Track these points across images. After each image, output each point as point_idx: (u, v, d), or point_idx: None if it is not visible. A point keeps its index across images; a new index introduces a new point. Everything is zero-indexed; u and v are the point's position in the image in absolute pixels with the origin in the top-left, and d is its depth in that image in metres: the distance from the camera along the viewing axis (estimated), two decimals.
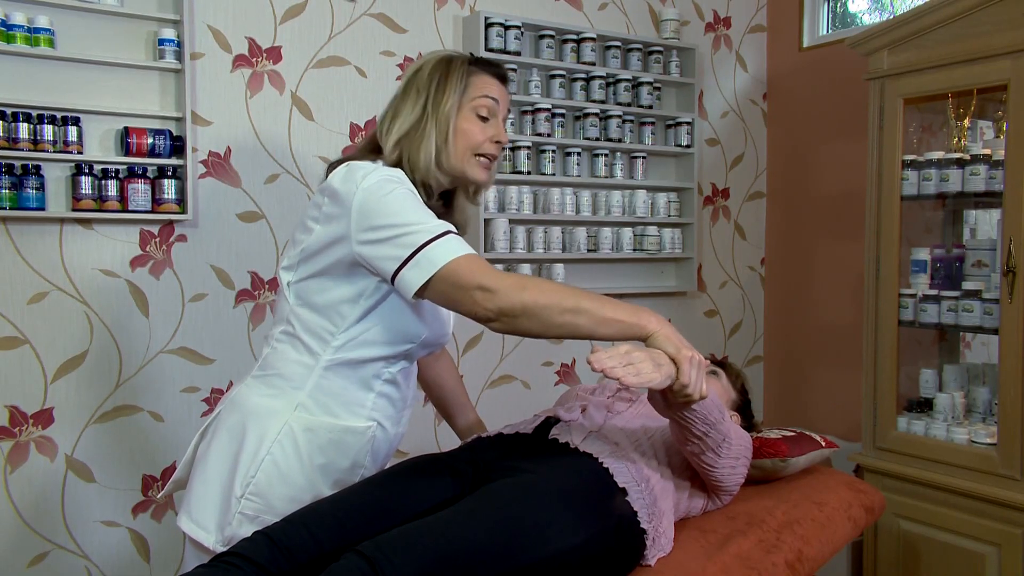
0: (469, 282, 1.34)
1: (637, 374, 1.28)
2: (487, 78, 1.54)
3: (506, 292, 1.33)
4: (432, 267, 1.34)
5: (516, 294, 1.33)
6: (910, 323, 2.56)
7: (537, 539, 1.33)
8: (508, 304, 1.33)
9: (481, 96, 1.51)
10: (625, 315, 1.36)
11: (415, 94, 1.51)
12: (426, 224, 1.38)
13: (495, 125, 1.54)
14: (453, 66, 1.52)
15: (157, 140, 2.30)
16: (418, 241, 1.36)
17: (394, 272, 1.37)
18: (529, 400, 3.02)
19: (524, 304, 1.33)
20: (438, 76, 1.51)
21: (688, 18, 3.36)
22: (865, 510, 1.94)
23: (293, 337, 1.51)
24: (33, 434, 2.27)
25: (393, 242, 1.37)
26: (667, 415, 1.52)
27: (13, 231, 2.22)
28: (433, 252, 1.35)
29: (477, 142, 1.51)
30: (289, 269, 1.52)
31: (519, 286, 1.34)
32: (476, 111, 1.52)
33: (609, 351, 1.29)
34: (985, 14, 2.30)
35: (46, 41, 2.18)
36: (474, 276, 1.34)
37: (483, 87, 1.52)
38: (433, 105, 1.49)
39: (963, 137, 2.53)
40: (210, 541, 1.47)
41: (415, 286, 1.36)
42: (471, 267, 1.35)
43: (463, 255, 1.36)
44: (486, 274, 1.34)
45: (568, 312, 1.33)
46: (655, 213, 3.19)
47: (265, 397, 1.50)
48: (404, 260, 1.36)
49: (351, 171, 1.43)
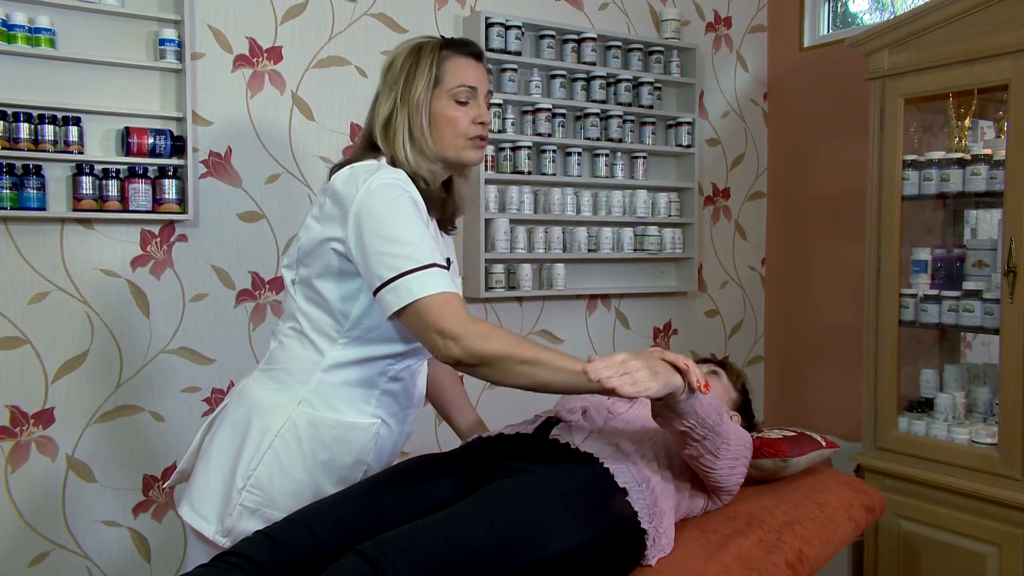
0: (433, 324, 1.34)
1: (634, 383, 1.27)
2: (460, 60, 1.53)
3: (468, 341, 1.33)
4: (409, 297, 1.35)
5: (478, 344, 1.33)
6: (911, 323, 2.56)
7: (538, 539, 1.33)
8: (467, 354, 1.33)
9: (457, 86, 1.51)
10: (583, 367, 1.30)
11: (388, 88, 1.53)
12: (416, 249, 1.38)
13: (476, 106, 1.54)
14: (423, 53, 1.52)
15: (158, 140, 2.30)
16: (402, 267, 1.36)
17: (375, 289, 1.39)
18: (530, 401, 3.00)
19: (483, 355, 1.33)
20: (408, 66, 1.51)
21: (688, 18, 3.36)
22: (866, 510, 1.94)
23: (300, 333, 1.52)
24: (34, 434, 2.28)
25: (379, 260, 1.38)
26: (667, 428, 1.52)
27: (14, 231, 2.22)
28: (413, 282, 1.35)
29: (463, 127, 1.52)
30: (289, 267, 1.54)
31: (483, 336, 1.34)
32: (455, 98, 1.51)
33: (606, 360, 1.28)
34: (985, 14, 2.30)
35: (47, 41, 2.18)
36: (440, 319, 1.34)
37: (458, 74, 1.52)
38: (402, 97, 1.50)
39: (964, 137, 2.53)
40: (210, 531, 1.48)
41: (389, 311, 1.37)
42: (441, 309, 1.34)
43: (439, 293, 1.35)
44: (454, 319, 1.34)
45: (526, 363, 1.33)
46: (656, 213, 3.19)
47: (270, 391, 1.51)
48: (385, 282, 1.37)
49: (354, 173, 1.44)
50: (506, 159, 2.87)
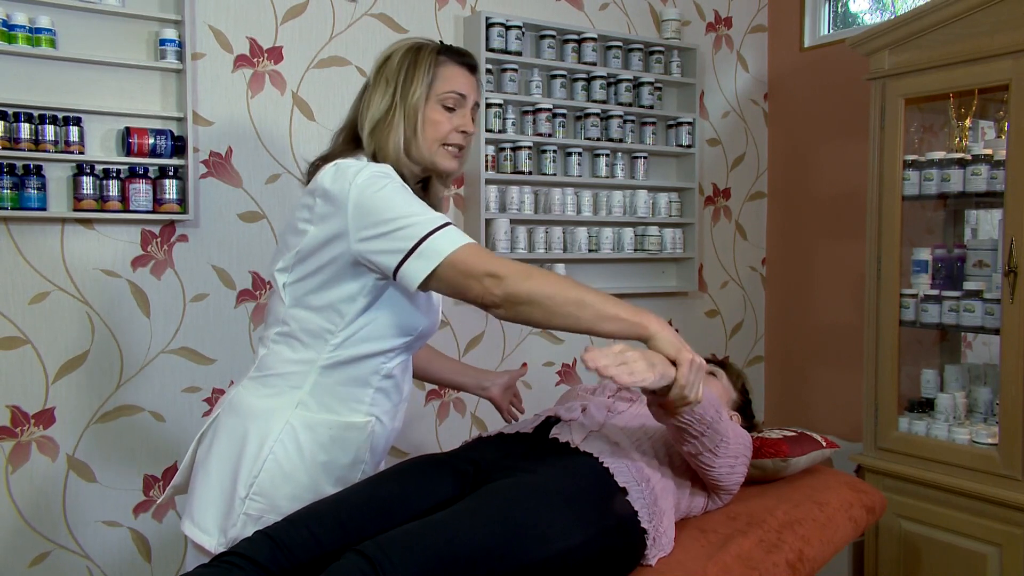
0: (478, 269, 1.35)
1: (631, 373, 1.28)
2: (455, 68, 1.54)
3: (513, 279, 1.34)
4: (438, 257, 1.36)
5: (523, 281, 1.34)
6: (911, 323, 2.56)
7: (538, 539, 1.33)
8: (515, 290, 1.34)
9: (447, 92, 1.52)
10: (627, 313, 1.37)
11: (384, 84, 1.52)
12: (425, 216, 1.39)
13: (462, 115, 1.54)
14: (421, 55, 1.52)
15: (158, 140, 2.30)
16: (419, 233, 1.37)
17: (397, 265, 1.38)
18: (530, 400, 3.01)
19: (530, 292, 1.34)
20: (407, 65, 1.52)
21: (689, 18, 3.36)
22: (866, 510, 1.95)
23: (290, 337, 1.51)
24: (34, 434, 2.28)
25: (393, 236, 1.38)
26: (664, 421, 1.52)
27: (14, 231, 2.23)
28: (436, 243, 1.36)
29: (444, 132, 1.53)
30: (284, 271, 1.52)
31: (525, 274, 1.36)
32: (443, 103, 1.52)
33: (603, 349, 1.29)
34: (986, 14, 2.30)
35: (47, 41, 2.18)
36: (482, 263, 1.36)
37: (450, 80, 1.53)
38: (402, 95, 1.50)
39: (964, 137, 2.53)
40: (212, 544, 1.47)
41: (420, 277, 1.37)
42: (478, 255, 1.37)
43: (466, 244, 1.38)
44: (493, 262, 1.36)
45: (572, 304, 1.35)
46: (656, 213, 3.19)
47: (264, 397, 1.51)
48: (407, 252, 1.37)
49: (341, 169, 1.44)
50: (506, 159, 2.88)
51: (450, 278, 1.37)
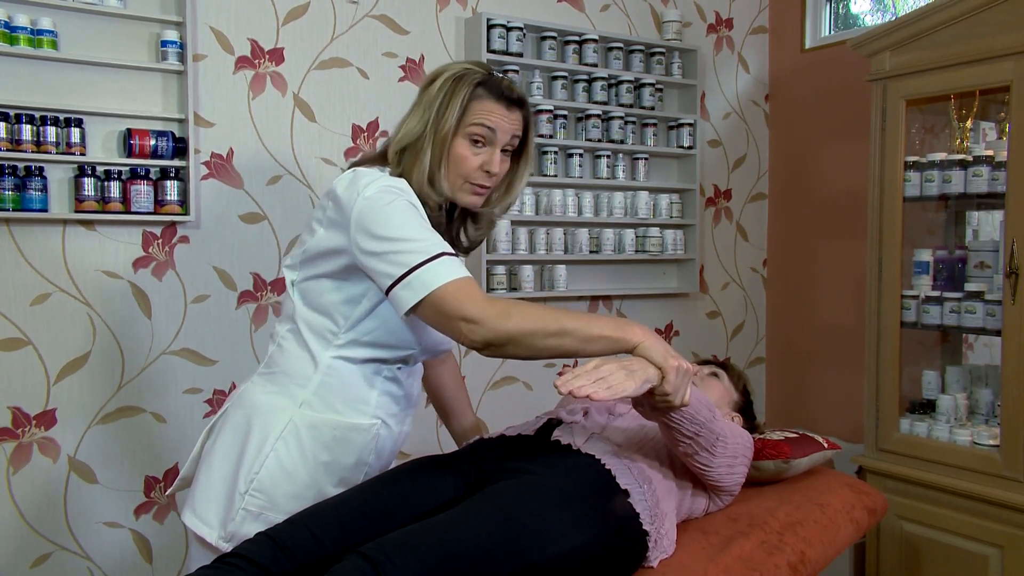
0: (455, 312, 1.33)
1: (608, 387, 1.27)
2: (490, 102, 1.48)
3: (492, 322, 1.32)
4: (424, 290, 1.34)
5: (501, 324, 1.32)
6: (912, 324, 2.56)
7: (539, 540, 1.33)
8: (494, 334, 1.32)
9: (476, 124, 1.46)
10: (610, 330, 1.36)
11: (422, 108, 1.48)
12: (422, 243, 1.37)
13: (490, 152, 1.49)
14: (460, 85, 1.47)
15: (159, 142, 2.30)
16: (412, 261, 1.35)
17: (387, 289, 1.38)
18: (531, 401, 3.01)
19: (509, 332, 1.32)
20: (444, 93, 1.47)
21: (690, 19, 3.36)
22: (867, 512, 1.94)
23: (298, 335, 1.52)
24: (36, 435, 2.28)
25: (388, 258, 1.37)
26: (652, 419, 1.51)
27: (16, 232, 2.23)
28: (425, 275, 1.34)
29: (467, 170, 1.48)
30: (292, 268, 1.54)
31: (503, 315, 1.33)
32: (471, 136, 1.47)
33: (575, 370, 1.28)
34: (987, 15, 2.30)
35: (49, 43, 2.19)
36: (460, 306, 1.33)
37: (482, 114, 1.47)
38: (433, 123, 1.46)
39: (965, 138, 2.53)
40: (213, 537, 1.48)
41: (406, 307, 1.36)
42: (458, 296, 1.33)
43: (454, 280, 1.34)
44: (473, 304, 1.33)
45: (553, 336, 1.33)
46: (657, 214, 3.19)
47: (270, 394, 1.51)
48: (397, 279, 1.36)
49: (355, 178, 1.44)
50: None
51: (431, 315, 1.36)
